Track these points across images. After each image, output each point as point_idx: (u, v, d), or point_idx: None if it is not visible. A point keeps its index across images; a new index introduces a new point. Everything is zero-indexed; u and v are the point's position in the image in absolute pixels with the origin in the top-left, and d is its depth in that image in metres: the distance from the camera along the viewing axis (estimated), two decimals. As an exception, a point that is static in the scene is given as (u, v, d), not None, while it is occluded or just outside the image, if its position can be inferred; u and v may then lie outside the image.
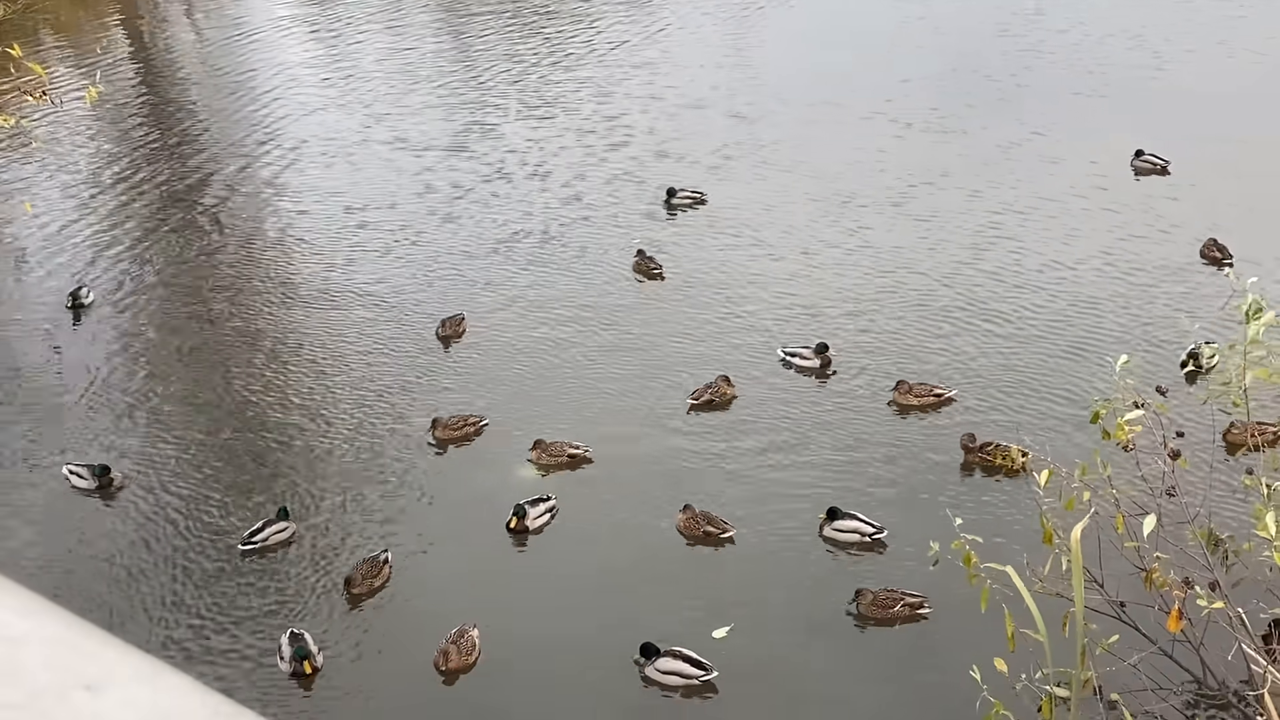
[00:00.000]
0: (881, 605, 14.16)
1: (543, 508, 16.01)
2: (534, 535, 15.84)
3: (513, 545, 15.71)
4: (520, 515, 15.76)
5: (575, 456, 17.25)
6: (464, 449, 17.63)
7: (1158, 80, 31.80)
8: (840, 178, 26.33)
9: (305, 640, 13.69)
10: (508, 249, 23.96)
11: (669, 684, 13.55)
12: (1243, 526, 11.51)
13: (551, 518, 16.05)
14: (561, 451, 17.22)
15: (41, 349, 20.75)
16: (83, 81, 31.46)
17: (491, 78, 34.62)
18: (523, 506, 15.83)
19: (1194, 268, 21.47)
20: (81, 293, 21.66)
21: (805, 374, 19.11)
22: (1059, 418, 17.72)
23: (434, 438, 17.70)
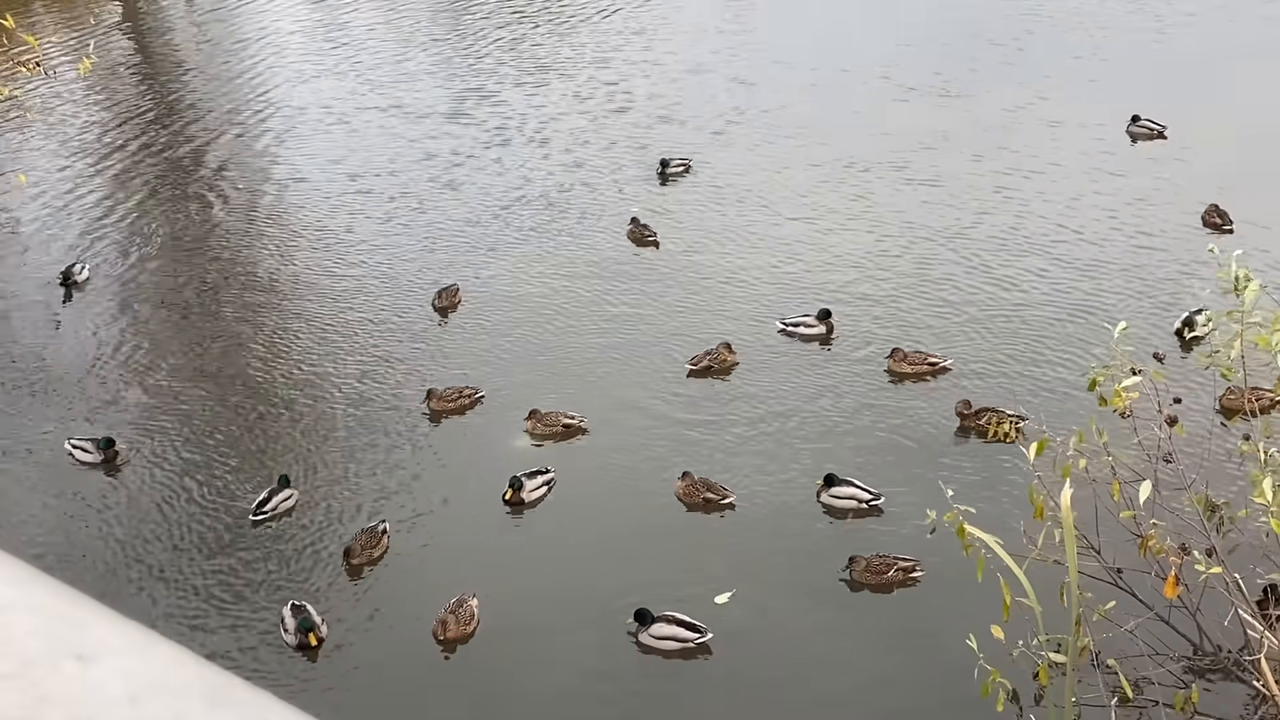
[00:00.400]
0: (875, 571, 14.20)
1: (540, 480, 15.95)
2: (534, 505, 15.83)
3: (511, 515, 15.72)
4: (516, 488, 15.71)
5: (570, 426, 17.24)
6: (463, 420, 17.61)
7: (1159, 43, 31.79)
8: (842, 142, 26.31)
9: (308, 612, 13.72)
10: (506, 216, 23.94)
11: (665, 649, 13.60)
12: (1240, 492, 11.55)
13: (549, 490, 16.00)
14: (556, 421, 17.21)
15: (38, 323, 20.68)
16: (76, 52, 31.38)
17: (486, 45, 34.50)
18: (519, 479, 15.78)
19: (1195, 234, 21.41)
20: (75, 269, 21.48)
21: (808, 341, 19.12)
22: (1058, 384, 17.74)
23: (429, 409, 17.70)
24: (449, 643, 13.73)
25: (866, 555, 14.31)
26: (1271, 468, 8.28)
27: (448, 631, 13.72)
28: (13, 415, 18.17)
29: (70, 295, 21.16)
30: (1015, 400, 16.98)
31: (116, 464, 16.76)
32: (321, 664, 13.60)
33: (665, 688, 13.31)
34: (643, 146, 26.84)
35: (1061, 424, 15.33)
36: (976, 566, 8.32)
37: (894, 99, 28.91)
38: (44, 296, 21.30)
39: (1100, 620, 8.99)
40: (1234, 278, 8.43)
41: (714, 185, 24.88)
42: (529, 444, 17.06)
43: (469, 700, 13.14)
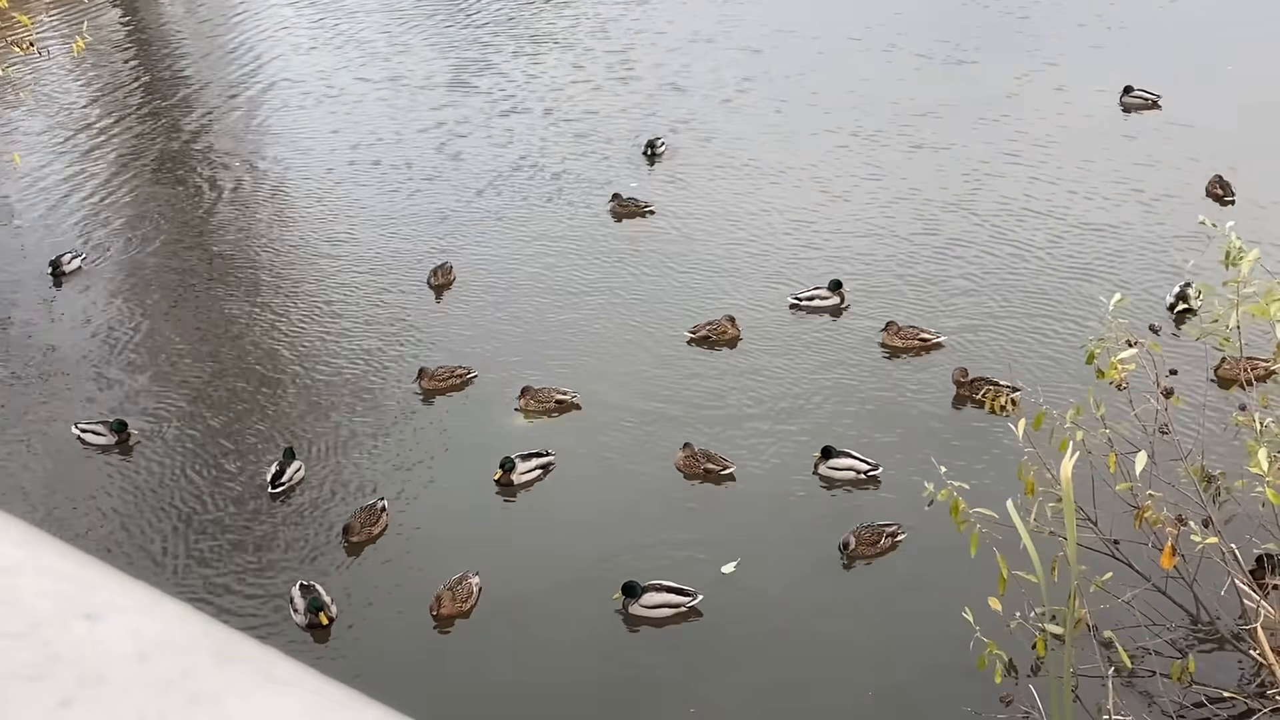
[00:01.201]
0: (868, 543, 14.26)
1: (534, 463, 15.83)
2: (534, 480, 15.80)
3: (511, 491, 15.73)
4: (508, 468, 15.61)
5: (563, 402, 17.25)
6: (462, 398, 17.60)
7: (1165, 11, 31.92)
8: (850, 111, 26.46)
9: (318, 591, 13.72)
10: (507, 189, 23.99)
11: (659, 618, 13.67)
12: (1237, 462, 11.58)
13: (544, 473, 15.88)
14: (549, 398, 17.19)
15: (34, 309, 20.54)
16: (70, 31, 31.26)
17: (484, 16, 34.48)
18: (511, 460, 15.68)
19: (1192, 205, 21.41)
20: (65, 258, 21.16)
21: (820, 314, 19.15)
22: (1056, 355, 17.80)
23: (421, 388, 17.68)
24: (443, 619, 13.75)
25: (854, 531, 14.33)
26: (1267, 438, 8.31)
27: (442, 608, 13.75)
28: (18, 401, 18.05)
29: (60, 284, 20.95)
30: (1012, 371, 17.03)
31: (130, 445, 16.74)
32: (334, 643, 13.60)
33: (665, 659, 13.35)
34: (650, 114, 27.03)
35: (1060, 395, 15.42)
36: (971, 542, 8.36)
37: (903, 67, 29.13)
38: (39, 282, 21.12)
39: (1097, 591, 9.03)
40: (1228, 250, 8.46)
41: (723, 154, 25.05)
42: (526, 422, 17.08)
43: (469, 675, 13.19)
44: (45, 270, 21.09)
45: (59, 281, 20.96)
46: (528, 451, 15.98)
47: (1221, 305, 8.61)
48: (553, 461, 16.00)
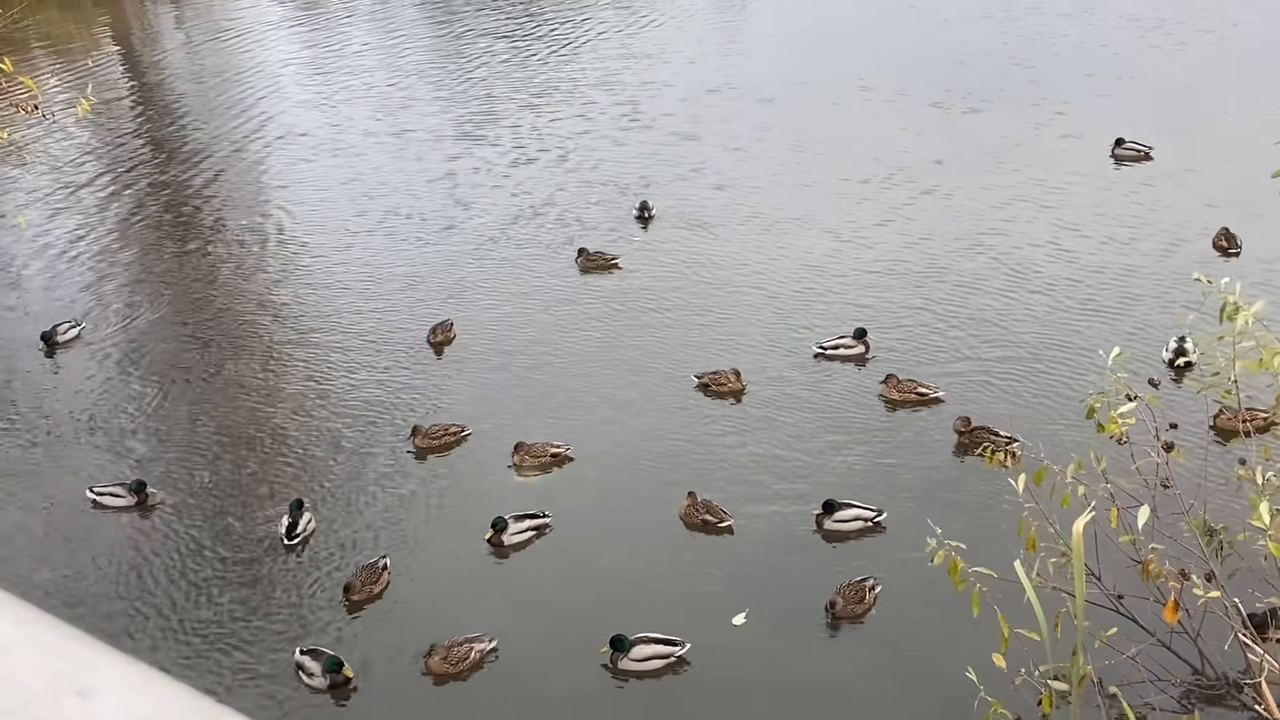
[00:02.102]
0: (854, 600, 14.17)
1: (527, 524, 15.73)
2: (527, 541, 15.72)
3: (513, 547, 15.66)
4: (499, 528, 15.55)
5: (558, 455, 17.22)
6: (460, 455, 17.59)
7: (1158, 67, 32.31)
8: (857, 160, 27.05)
9: (327, 652, 13.67)
10: (515, 242, 24.36)
11: (650, 670, 13.61)
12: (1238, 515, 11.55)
13: (537, 535, 15.77)
14: (543, 452, 17.17)
15: (37, 369, 20.52)
16: (75, 93, 31.51)
17: (488, 71, 34.98)
18: (504, 520, 15.61)
19: (1202, 257, 21.48)
20: (60, 329, 21.00)
21: (846, 361, 19.19)
22: (1057, 407, 17.80)
23: (414, 445, 17.64)
24: (438, 676, 13.67)
25: (839, 590, 14.24)
26: (1269, 491, 8.30)
27: (431, 668, 13.69)
28: (25, 464, 17.92)
29: (52, 354, 20.75)
30: (1013, 423, 17.04)
31: (149, 506, 16.67)
32: (332, 703, 13.53)
33: (659, 715, 13.27)
34: (661, 163, 27.67)
35: (1061, 449, 15.40)
36: (972, 601, 8.33)
37: (913, 116, 29.73)
38: (41, 343, 21.06)
39: (1101, 647, 8.99)
40: (1222, 304, 8.47)
41: (736, 201, 25.49)
42: (525, 478, 17.04)
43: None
44: (38, 343, 20.91)
45: (51, 352, 20.75)
46: (522, 512, 15.88)
47: (1222, 358, 8.62)
48: (548, 523, 15.89)
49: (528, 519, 15.80)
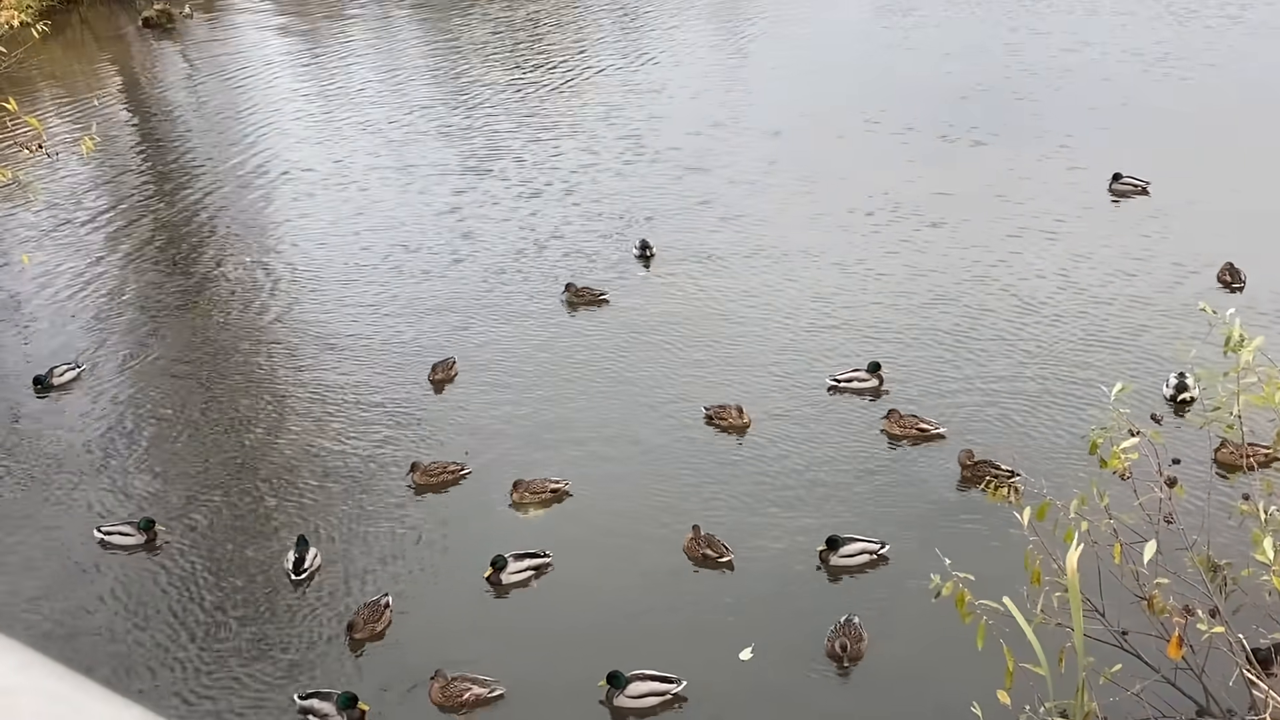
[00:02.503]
0: (856, 640, 14.07)
1: (527, 563, 15.66)
2: (526, 580, 15.65)
3: (516, 584, 15.61)
4: (499, 567, 15.50)
5: (557, 491, 17.20)
6: (463, 492, 17.56)
7: (1162, 101, 32.56)
8: (865, 193, 27.17)
9: (334, 693, 13.61)
10: (521, 277, 24.36)
11: (646, 706, 13.56)
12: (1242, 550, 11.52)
13: (536, 575, 15.68)
14: (543, 488, 17.16)
15: (40, 407, 20.49)
16: (79, 131, 31.67)
17: (491, 106, 35.22)
18: (504, 558, 15.57)
19: (1205, 291, 21.49)
20: (56, 370, 20.91)
21: (858, 395, 19.24)
22: (1059, 441, 17.80)
23: (413, 482, 17.63)
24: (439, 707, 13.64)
25: (837, 638, 14.12)
26: (1273, 526, 8.29)
27: (431, 695, 13.68)
28: (29, 503, 17.86)
29: (45, 397, 20.61)
30: (1015, 458, 17.05)
31: (156, 545, 16.64)
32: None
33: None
34: (669, 196, 27.89)
35: (1065, 484, 15.41)
36: (977, 634, 8.31)
37: (920, 150, 29.92)
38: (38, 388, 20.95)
39: (1106, 683, 8.95)
40: (1226, 338, 8.49)
41: (742, 235, 25.66)
42: (529, 515, 17.00)
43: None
44: (30, 385, 20.76)
45: (44, 394, 20.60)
46: (522, 551, 15.82)
47: (1224, 393, 8.62)
48: (549, 562, 15.81)
49: (528, 558, 15.74)
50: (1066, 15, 42.27)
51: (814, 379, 19.86)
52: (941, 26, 41.98)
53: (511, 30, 44.66)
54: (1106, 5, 43.10)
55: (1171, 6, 42.23)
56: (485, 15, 47.40)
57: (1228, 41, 37.74)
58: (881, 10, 45.07)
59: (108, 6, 50.47)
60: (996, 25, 41.62)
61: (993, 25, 41.67)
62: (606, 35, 43.64)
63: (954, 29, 41.48)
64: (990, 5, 44.47)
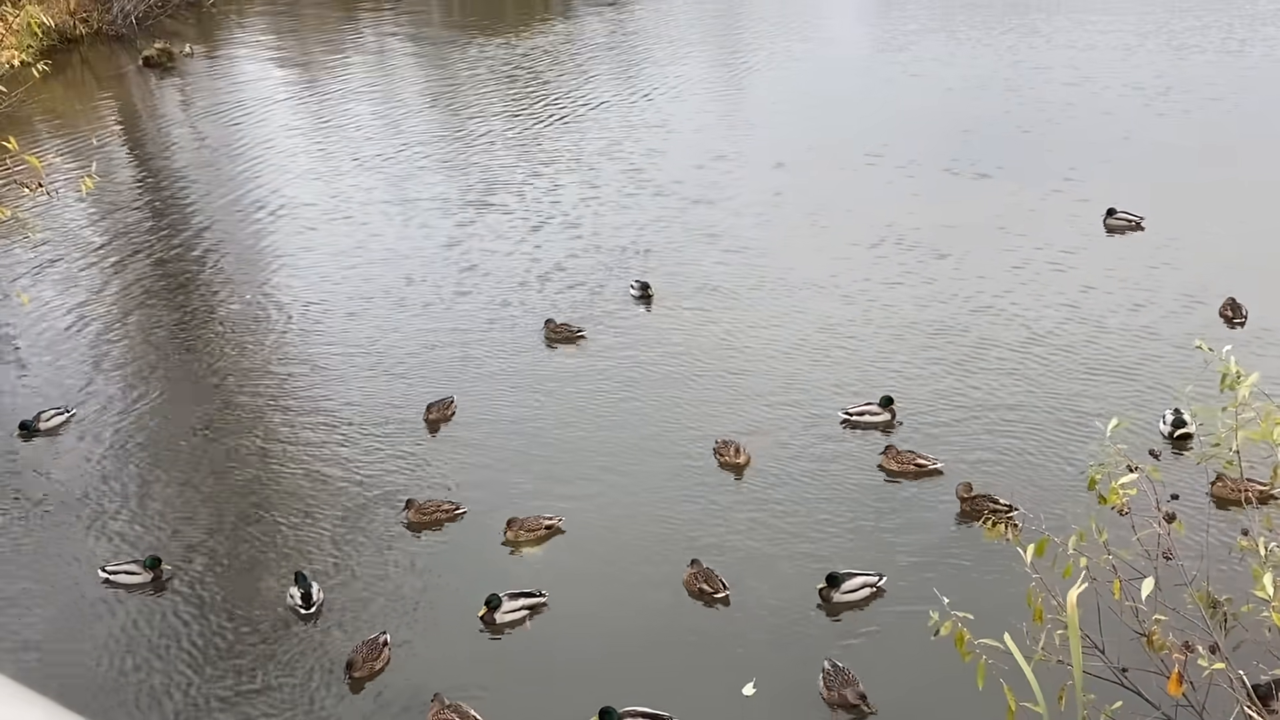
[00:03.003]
0: (855, 683, 13.98)
1: (522, 602, 15.56)
2: (520, 619, 15.55)
3: (515, 620, 15.55)
4: (493, 606, 15.42)
5: (551, 527, 17.16)
6: (458, 530, 17.52)
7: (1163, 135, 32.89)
8: (869, 226, 27.39)
9: None
10: (523, 311, 24.43)
11: None
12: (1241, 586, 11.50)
13: (530, 615, 15.58)
14: (537, 525, 17.10)
15: (36, 447, 20.45)
16: (79, 170, 31.77)
17: (490, 142, 35.55)
18: (498, 597, 15.50)
19: (1207, 326, 21.55)
20: (43, 415, 20.75)
21: (871, 429, 19.25)
22: (1058, 477, 17.78)
23: (407, 519, 17.58)
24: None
25: (838, 694, 14.00)
26: (1273, 562, 8.27)
27: None
28: (27, 544, 17.77)
29: (30, 440, 20.46)
30: (1014, 493, 17.06)
31: (163, 583, 16.60)
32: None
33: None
34: (678, 228, 28.21)
35: (1061, 518, 15.41)
36: (977, 674, 8.28)
37: (924, 184, 30.25)
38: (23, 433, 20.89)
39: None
40: (1223, 374, 8.50)
41: (749, 269, 25.81)
42: (533, 551, 16.95)
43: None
44: (15, 431, 20.62)
45: (29, 439, 20.44)
46: (517, 590, 15.76)
47: (1223, 428, 8.62)
48: (545, 602, 15.73)
49: (523, 597, 15.66)
50: (1066, 50, 42.65)
51: (816, 412, 19.88)
52: (941, 61, 42.36)
53: (510, 67, 44.94)
54: (1107, 40, 43.49)
55: (1173, 41, 42.63)
56: (483, 53, 47.70)
57: (1229, 75, 38.03)
58: (880, 46, 45.46)
59: (108, 46, 50.75)
60: (997, 60, 41.98)
61: (993, 60, 42.03)
62: (604, 72, 43.91)
63: (954, 64, 41.85)
64: (990, 40, 44.86)
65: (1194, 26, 44.56)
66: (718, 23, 52.79)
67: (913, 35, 46.35)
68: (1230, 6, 47.68)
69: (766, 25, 49.93)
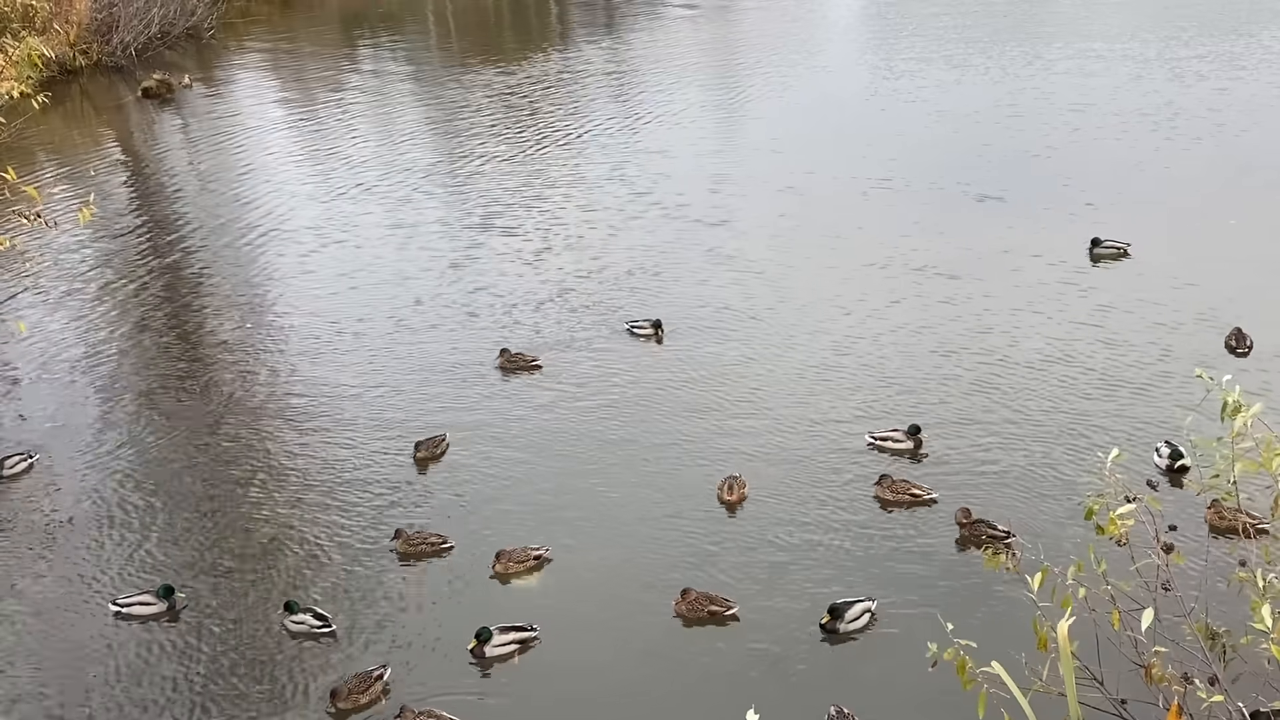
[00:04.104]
0: None
1: (512, 636, 15.41)
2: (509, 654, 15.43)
3: (504, 655, 15.45)
4: (483, 639, 15.28)
5: (540, 558, 17.08)
6: (461, 561, 17.41)
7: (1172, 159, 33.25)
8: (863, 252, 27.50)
9: None
10: (525, 337, 24.39)
11: None
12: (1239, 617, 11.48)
13: (520, 650, 15.41)
14: (525, 556, 17.02)
15: (33, 475, 20.41)
16: (77, 200, 31.82)
17: (492, 167, 35.88)
18: (489, 631, 15.36)
19: (1211, 356, 21.59)
20: (7, 462, 20.32)
21: (899, 456, 19.28)
22: (1065, 506, 17.74)
23: (395, 549, 17.51)
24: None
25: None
26: (1271, 594, 8.26)
27: None
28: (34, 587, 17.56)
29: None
30: (1013, 517, 17.07)
31: (177, 612, 16.55)
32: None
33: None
34: (692, 249, 28.45)
35: (1062, 550, 15.38)
36: (979, 703, 8.27)
37: (933, 209, 30.38)
38: (41, 449, 20.96)
39: (1106, 753, 8.89)
40: (1223, 404, 8.50)
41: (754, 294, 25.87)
42: (526, 582, 16.89)
43: None
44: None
45: None
46: (508, 624, 15.61)
47: (1221, 459, 8.63)
48: (536, 636, 15.57)
49: (514, 631, 15.52)
50: (1067, 76, 42.78)
51: (815, 442, 19.85)
52: (941, 87, 42.49)
53: (508, 96, 45.08)
54: (1111, 68, 43.59)
55: (1176, 68, 42.76)
56: (480, 81, 47.85)
57: (1235, 101, 38.19)
58: (880, 73, 45.60)
59: (107, 77, 50.90)
60: (997, 86, 42.06)
61: (994, 86, 42.11)
62: (603, 101, 44.06)
63: (955, 90, 41.96)
64: (991, 67, 44.94)
65: (1199, 54, 44.76)
66: (714, 51, 52.99)
67: (912, 63, 46.53)
68: (1232, 34, 47.91)
69: (763, 53, 50.11)
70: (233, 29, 60.78)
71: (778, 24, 56.22)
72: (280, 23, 63.32)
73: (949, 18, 54.66)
